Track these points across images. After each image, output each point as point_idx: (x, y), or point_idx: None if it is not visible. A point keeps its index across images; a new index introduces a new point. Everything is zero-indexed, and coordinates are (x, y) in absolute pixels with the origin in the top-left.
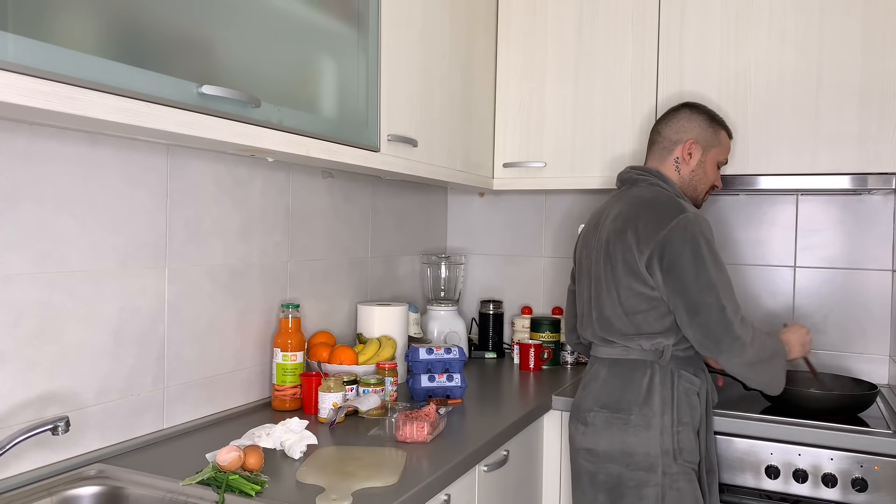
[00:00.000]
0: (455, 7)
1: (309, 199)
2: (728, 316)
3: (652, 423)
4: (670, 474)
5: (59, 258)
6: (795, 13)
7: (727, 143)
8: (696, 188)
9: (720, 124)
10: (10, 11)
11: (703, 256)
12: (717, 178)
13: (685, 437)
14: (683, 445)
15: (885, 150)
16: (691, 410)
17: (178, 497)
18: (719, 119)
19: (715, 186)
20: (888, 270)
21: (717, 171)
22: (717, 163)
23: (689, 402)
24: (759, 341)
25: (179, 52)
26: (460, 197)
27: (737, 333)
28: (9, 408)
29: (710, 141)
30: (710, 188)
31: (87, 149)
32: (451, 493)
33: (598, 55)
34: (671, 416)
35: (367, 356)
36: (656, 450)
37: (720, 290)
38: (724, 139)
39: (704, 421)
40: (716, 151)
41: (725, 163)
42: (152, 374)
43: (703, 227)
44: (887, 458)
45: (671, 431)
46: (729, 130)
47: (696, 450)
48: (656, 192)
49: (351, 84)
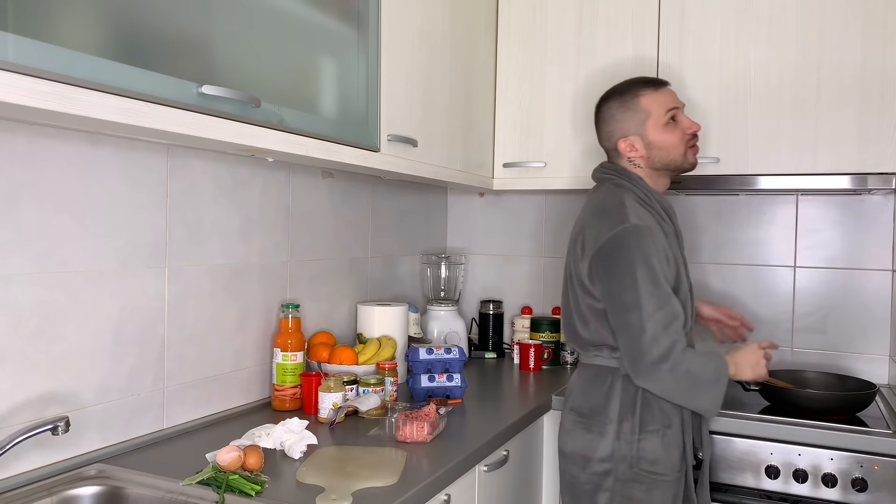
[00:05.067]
0: (455, 7)
1: (309, 199)
2: (645, 340)
3: (608, 429)
4: (623, 481)
5: (59, 258)
6: (795, 13)
7: (659, 97)
8: (671, 159)
9: (633, 92)
10: (10, 11)
11: (633, 272)
12: (680, 129)
13: (649, 445)
14: (644, 454)
15: (885, 150)
16: (664, 418)
17: (178, 497)
18: (631, 86)
19: (689, 136)
20: (888, 270)
21: (674, 126)
22: (667, 120)
23: (662, 409)
24: (685, 368)
25: (179, 52)
26: (460, 197)
27: (653, 359)
28: (9, 408)
29: (637, 119)
30: (685, 143)
31: (87, 149)
32: (451, 493)
33: (598, 55)
34: (631, 423)
35: (367, 356)
36: (610, 455)
37: (645, 311)
38: (650, 97)
39: (690, 428)
40: (653, 119)
41: (676, 108)
42: (152, 374)
43: (641, 239)
44: (887, 458)
45: (630, 438)
46: (650, 81)
47: (670, 458)
48: (609, 197)
49: (351, 84)
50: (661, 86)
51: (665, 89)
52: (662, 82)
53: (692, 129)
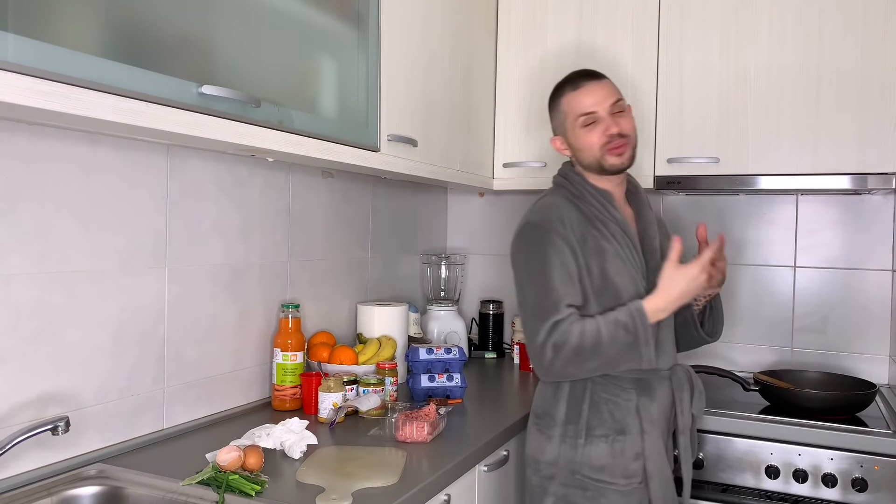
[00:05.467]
0: (455, 7)
1: (309, 199)
2: (529, 331)
3: (554, 431)
4: (566, 486)
5: (59, 258)
6: (795, 13)
7: (577, 98)
8: (590, 161)
9: (559, 91)
10: (10, 11)
11: (521, 269)
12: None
13: (595, 451)
14: (588, 460)
15: (886, 150)
16: (614, 423)
17: (178, 497)
18: (559, 85)
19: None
20: (888, 270)
21: (592, 127)
22: (583, 122)
23: (613, 414)
24: (575, 345)
25: (179, 52)
26: (460, 197)
27: (537, 348)
28: (9, 408)
29: (559, 119)
30: (602, 146)
31: (87, 149)
32: (451, 493)
33: (598, 55)
34: (577, 427)
35: (367, 356)
36: (556, 459)
37: (529, 305)
38: (568, 98)
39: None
40: (569, 121)
41: (592, 112)
42: (152, 374)
43: (530, 234)
44: (887, 458)
45: (574, 443)
46: (573, 79)
47: (621, 467)
48: (541, 198)
49: (351, 84)
50: (582, 85)
51: (586, 88)
52: (587, 79)
53: (608, 131)
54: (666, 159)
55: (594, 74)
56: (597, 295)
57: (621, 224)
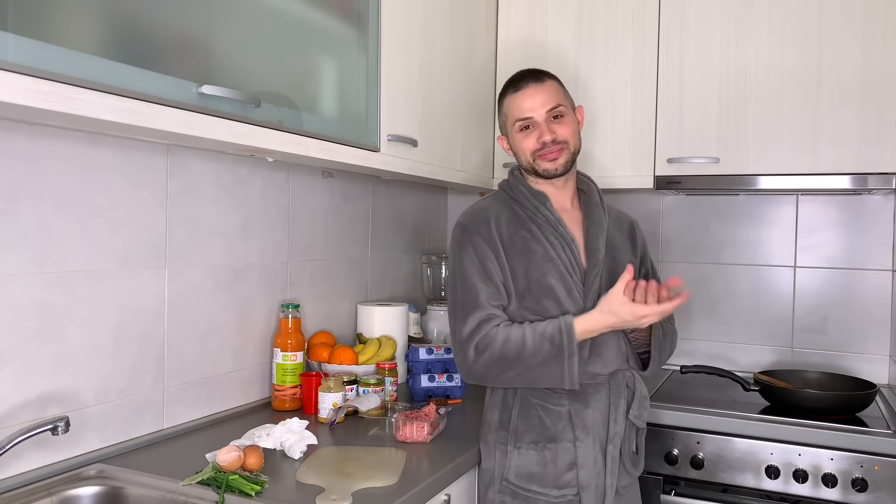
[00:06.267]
0: (455, 7)
1: (309, 199)
2: (452, 330)
3: (489, 437)
4: (502, 493)
5: (59, 258)
6: (795, 13)
7: (517, 101)
8: (525, 165)
9: (503, 92)
10: (10, 11)
11: (449, 270)
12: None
13: (524, 459)
14: (516, 468)
15: (885, 150)
16: (544, 431)
17: (178, 497)
18: (505, 85)
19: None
20: (888, 270)
21: (529, 132)
22: (521, 126)
23: (544, 421)
24: (498, 351)
25: (179, 52)
26: (460, 197)
27: (459, 347)
28: (9, 408)
29: (502, 120)
30: (534, 151)
31: (87, 149)
32: (451, 493)
33: (598, 55)
34: (507, 433)
35: (367, 356)
36: (492, 466)
37: (451, 304)
38: (510, 100)
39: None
40: (509, 122)
41: (524, 118)
42: (152, 374)
43: (455, 235)
44: (887, 458)
45: (505, 450)
46: (516, 80)
47: (551, 476)
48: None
49: (351, 84)
50: (522, 87)
51: (525, 90)
52: (529, 81)
53: (542, 138)
54: (666, 159)
55: (536, 76)
56: (520, 297)
57: (554, 224)
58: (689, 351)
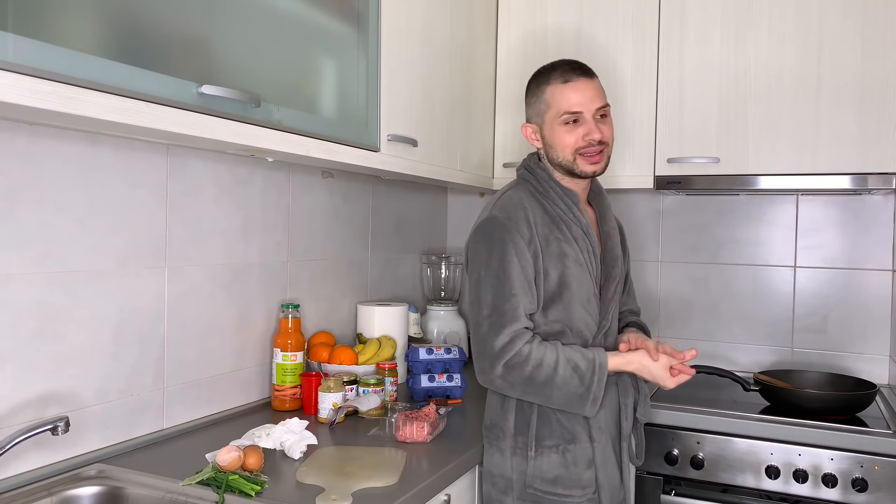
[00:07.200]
0: (455, 7)
1: (309, 199)
2: (481, 335)
3: (504, 444)
4: (522, 500)
5: (59, 258)
6: (795, 13)
7: (565, 92)
8: (560, 161)
9: (545, 78)
10: (10, 11)
11: (479, 265)
12: (577, 133)
13: (546, 463)
14: (540, 472)
15: (886, 150)
16: (563, 432)
17: (178, 497)
18: (546, 71)
19: (584, 144)
20: (888, 270)
21: (572, 127)
22: (565, 119)
23: (561, 422)
24: (528, 374)
25: (179, 52)
26: (460, 197)
27: (487, 356)
28: (9, 408)
29: (539, 108)
30: (576, 149)
31: (87, 149)
32: (451, 494)
33: (598, 55)
34: (527, 438)
35: (367, 356)
36: (509, 473)
37: (484, 306)
38: (556, 89)
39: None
40: (551, 113)
41: (578, 112)
42: (152, 374)
43: (493, 231)
44: (887, 458)
45: (525, 455)
46: (565, 71)
47: (574, 477)
48: (502, 191)
49: (351, 84)
50: (572, 80)
51: (576, 84)
52: (579, 75)
53: (589, 136)
54: (666, 159)
55: (586, 70)
56: (550, 301)
57: (584, 228)
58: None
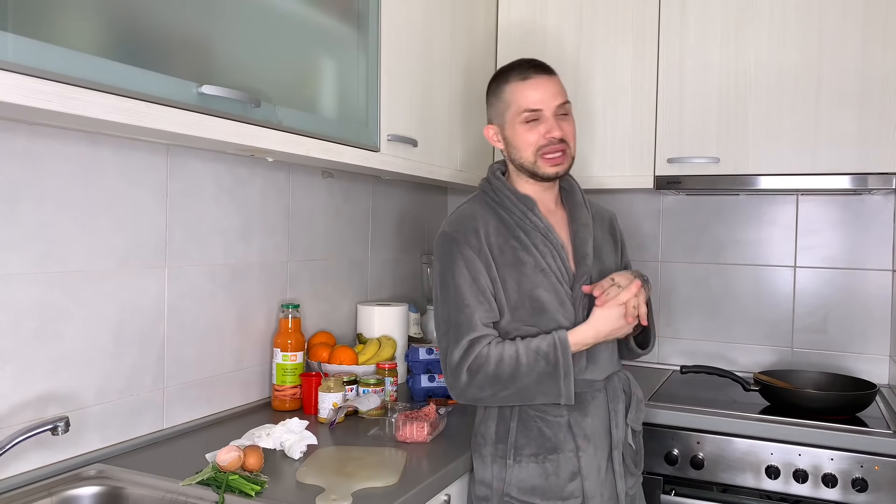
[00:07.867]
0: (455, 7)
1: (309, 199)
2: (443, 351)
3: (485, 451)
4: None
5: (59, 258)
6: (795, 13)
7: (525, 90)
8: (522, 161)
9: (504, 78)
10: (10, 11)
11: (435, 284)
12: (538, 131)
13: (525, 472)
14: (518, 481)
15: (886, 150)
16: (545, 442)
17: (178, 497)
18: (506, 71)
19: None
20: (888, 270)
21: (533, 126)
22: (525, 118)
23: (543, 432)
24: (492, 372)
25: (179, 52)
26: (460, 197)
27: (450, 370)
28: (9, 408)
29: (499, 108)
30: (537, 149)
31: (87, 148)
32: (451, 494)
33: (598, 55)
34: (505, 446)
35: (367, 356)
36: (489, 479)
37: (441, 323)
38: (515, 87)
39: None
40: (511, 112)
41: (538, 110)
42: (152, 374)
43: (442, 246)
44: (887, 458)
45: (503, 463)
46: (523, 69)
47: (553, 488)
48: (462, 203)
49: (351, 84)
50: (531, 77)
51: (535, 81)
52: (538, 72)
53: (550, 133)
54: (666, 159)
55: (545, 68)
56: (513, 309)
57: (543, 232)
58: (689, 351)
